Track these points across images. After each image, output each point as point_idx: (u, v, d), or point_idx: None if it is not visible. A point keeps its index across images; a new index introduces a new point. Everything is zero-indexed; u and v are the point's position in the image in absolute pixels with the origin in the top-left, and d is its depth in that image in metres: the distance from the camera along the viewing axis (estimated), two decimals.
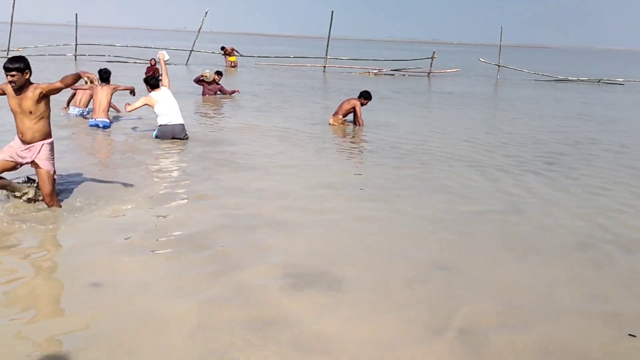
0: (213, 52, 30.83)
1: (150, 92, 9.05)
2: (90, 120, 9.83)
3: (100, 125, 9.68)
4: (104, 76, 10.35)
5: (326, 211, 5.78)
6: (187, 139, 9.01)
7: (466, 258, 4.70)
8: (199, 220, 5.33)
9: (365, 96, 11.00)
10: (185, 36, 71.08)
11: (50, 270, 4.18)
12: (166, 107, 8.83)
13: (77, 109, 10.79)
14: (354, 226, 5.38)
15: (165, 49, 30.40)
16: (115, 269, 4.15)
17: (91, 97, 10.41)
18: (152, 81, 9.20)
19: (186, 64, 27.72)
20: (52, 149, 5.19)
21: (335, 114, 11.16)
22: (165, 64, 9.18)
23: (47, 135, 5.15)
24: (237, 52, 28.24)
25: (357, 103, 10.87)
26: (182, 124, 8.98)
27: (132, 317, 3.48)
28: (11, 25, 27.09)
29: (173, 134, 8.90)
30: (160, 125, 8.88)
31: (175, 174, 7.11)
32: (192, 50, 28.79)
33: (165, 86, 9.01)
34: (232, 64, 27.09)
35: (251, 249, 4.66)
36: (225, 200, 6.01)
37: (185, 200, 5.96)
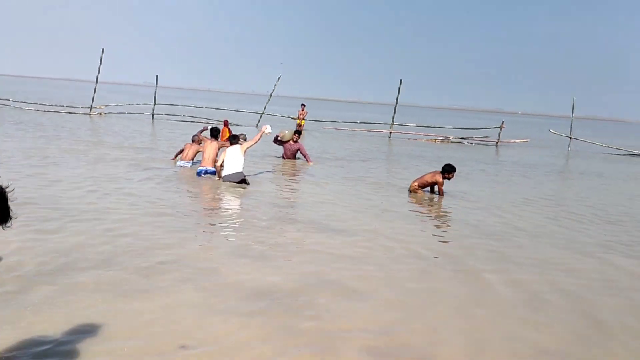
0: (282, 116, 31.75)
1: (228, 147, 11.10)
2: (200, 168, 11.56)
3: (209, 172, 11.40)
4: (215, 133, 12.81)
5: (407, 282, 5.64)
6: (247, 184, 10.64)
7: (574, 345, 4.43)
8: (278, 279, 5.32)
9: (448, 170, 10.93)
10: (253, 99, 73.72)
11: (138, 333, 4.07)
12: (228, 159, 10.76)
13: (184, 162, 12.58)
14: (431, 299, 5.20)
15: (237, 110, 31.81)
16: (201, 330, 4.16)
17: (196, 152, 12.74)
18: (232, 139, 11.21)
19: (256, 127, 28.56)
20: None
21: (415, 181, 11.28)
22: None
23: None
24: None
25: (440, 180, 10.87)
26: (236, 172, 10.60)
27: None
28: (96, 84, 28.91)
29: (229, 180, 10.64)
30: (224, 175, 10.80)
31: (253, 232, 7.15)
32: (263, 113, 29.69)
33: (244, 144, 10.95)
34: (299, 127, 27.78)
35: (335, 315, 4.58)
36: (304, 260, 6.00)
37: (262, 259, 5.96)
